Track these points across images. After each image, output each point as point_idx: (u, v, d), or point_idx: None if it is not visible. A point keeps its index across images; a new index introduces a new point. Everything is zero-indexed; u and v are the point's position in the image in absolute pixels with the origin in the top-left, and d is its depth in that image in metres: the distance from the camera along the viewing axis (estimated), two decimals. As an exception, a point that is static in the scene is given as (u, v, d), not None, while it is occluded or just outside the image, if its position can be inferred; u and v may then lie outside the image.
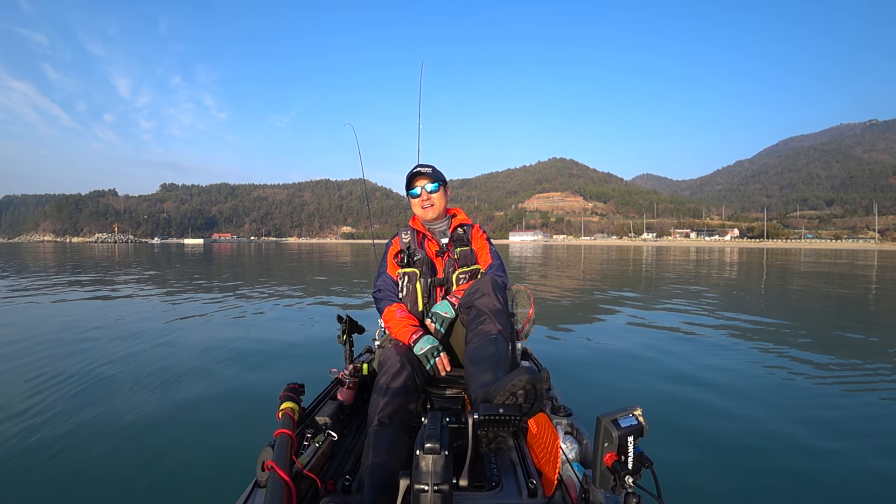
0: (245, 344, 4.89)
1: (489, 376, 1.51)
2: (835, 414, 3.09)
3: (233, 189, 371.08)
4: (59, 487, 2.13)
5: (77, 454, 2.43)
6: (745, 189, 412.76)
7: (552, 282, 12.83)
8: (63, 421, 2.84)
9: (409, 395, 1.55)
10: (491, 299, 1.73)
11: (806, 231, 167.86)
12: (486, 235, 2.22)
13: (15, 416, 2.90)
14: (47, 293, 9.24)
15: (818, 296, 9.91)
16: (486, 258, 2.13)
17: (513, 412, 1.31)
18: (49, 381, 3.58)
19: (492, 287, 1.76)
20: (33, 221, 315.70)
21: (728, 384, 3.70)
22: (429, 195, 2.12)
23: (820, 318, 7.25)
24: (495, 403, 1.34)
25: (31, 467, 2.30)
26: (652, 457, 1.05)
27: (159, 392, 3.39)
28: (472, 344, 1.67)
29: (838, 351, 4.78)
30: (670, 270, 17.51)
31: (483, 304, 1.72)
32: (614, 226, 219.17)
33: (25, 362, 4.12)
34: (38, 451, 2.46)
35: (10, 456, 2.40)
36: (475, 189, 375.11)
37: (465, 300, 1.80)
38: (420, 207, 2.14)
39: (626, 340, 5.26)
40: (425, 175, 2.11)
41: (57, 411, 2.99)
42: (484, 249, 2.15)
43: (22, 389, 3.39)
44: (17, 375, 3.75)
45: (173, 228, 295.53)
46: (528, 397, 1.37)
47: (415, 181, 2.14)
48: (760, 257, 31.24)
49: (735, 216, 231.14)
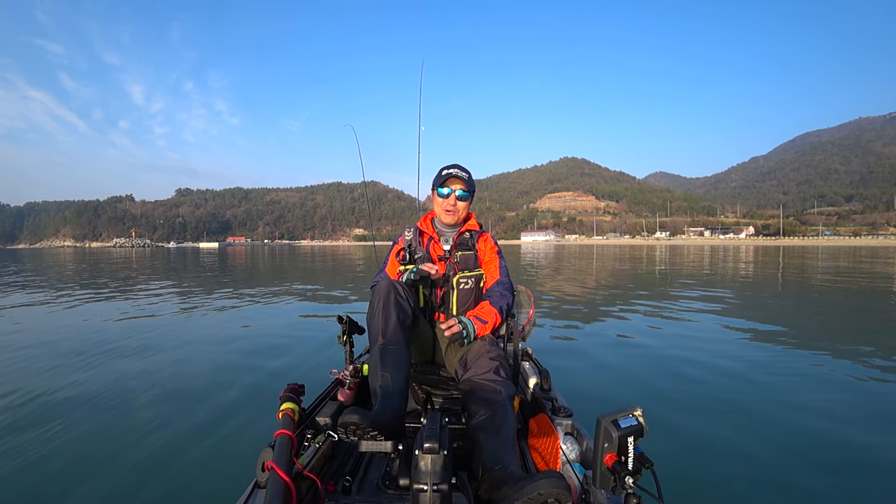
0: (245, 344, 4.91)
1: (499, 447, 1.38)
2: (836, 414, 3.04)
3: (246, 193, 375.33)
4: (59, 487, 2.13)
5: (77, 454, 2.43)
6: (760, 186, 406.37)
7: (556, 283, 12.75)
8: (63, 420, 2.85)
9: (403, 311, 1.68)
10: (490, 374, 1.59)
11: (824, 228, 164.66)
12: (497, 248, 2.14)
13: (14, 417, 2.93)
14: (67, 300, 9.43)
15: (837, 294, 9.70)
16: (495, 273, 2.06)
17: None
18: (51, 381, 3.63)
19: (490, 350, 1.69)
20: (54, 227, 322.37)
21: (728, 384, 3.67)
22: (457, 200, 2.06)
23: (834, 321, 7.10)
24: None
25: (31, 467, 2.31)
26: (652, 457, 1.05)
27: (159, 393, 3.40)
28: (477, 417, 1.48)
29: (848, 353, 4.67)
30: (681, 270, 17.29)
31: (485, 380, 1.58)
32: (627, 225, 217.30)
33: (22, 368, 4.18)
34: (37, 450, 2.47)
35: (10, 456, 2.41)
36: (487, 189, 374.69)
37: (465, 377, 1.64)
38: (443, 209, 2.08)
39: (628, 342, 5.22)
40: (460, 179, 2.05)
41: (57, 410, 3.01)
42: (493, 263, 2.08)
43: (23, 390, 3.45)
44: (20, 377, 3.81)
45: (189, 232, 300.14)
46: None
47: (448, 182, 2.07)
48: (776, 256, 30.68)
49: (750, 213, 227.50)
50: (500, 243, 2.20)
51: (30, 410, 3.07)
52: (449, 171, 2.06)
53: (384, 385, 1.43)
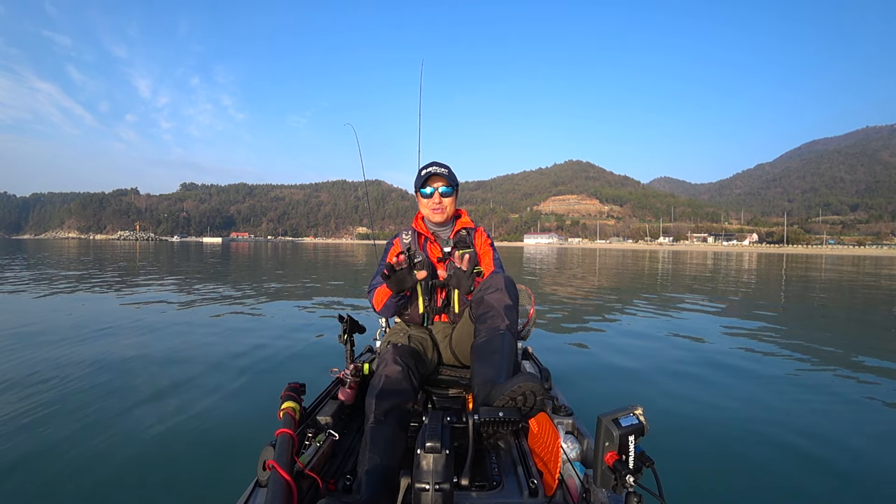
0: (246, 344, 4.90)
1: (493, 373, 1.52)
2: (836, 415, 3.05)
3: (251, 189, 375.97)
4: (59, 488, 2.12)
5: (76, 454, 2.43)
6: (765, 193, 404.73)
7: (557, 283, 12.72)
8: (63, 420, 2.83)
9: (405, 393, 1.54)
10: (502, 295, 1.71)
11: (828, 237, 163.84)
12: (490, 241, 2.17)
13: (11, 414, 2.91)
14: (68, 289, 9.47)
15: (841, 296, 9.66)
16: (490, 265, 2.10)
17: (512, 415, 1.34)
18: (53, 378, 3.62)
19: (504, 283, 1.74)
20: (59, 219, 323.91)
21: (729, 385, 3.67)
22: (441, 198, 2.05)
23: (838, 325, 7.06)
24: (495, 407, 1.36)
25: (30, 467, 2.30)
26: (653, 456, 1.05)
27: (159, 391, 3.40)
28: (479, 337, 1.66)
29: (844, 358, 4.65)
30: (682, 273, 17.24)
31: (494, 300, 1.70)
32: (630, 229, 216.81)
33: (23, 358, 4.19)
34: (36, 450, 2.45)
35: (9, 456, 2.39)
36: (490, 191, 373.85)
37: (477, 294, 1.77)
38: (429, 209, 2.08)
39: (628, 342, 5.22)
40: (441, 177, 2.05)
41: (57, 410, 2.98)
42: (487, 256, 2.12)
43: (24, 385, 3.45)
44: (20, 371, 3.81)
45: (192, 227, 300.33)
46: (528, 402, 1.39)
47: (430, 181, 2.07)
48: (780, 263, 30.56)
49: (755, 220, 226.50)
50: (502, 244, 2.19)
51: (29, 408, 3.06)
52: (428, 171, 2.06)
53: (371, 470, 1.30)
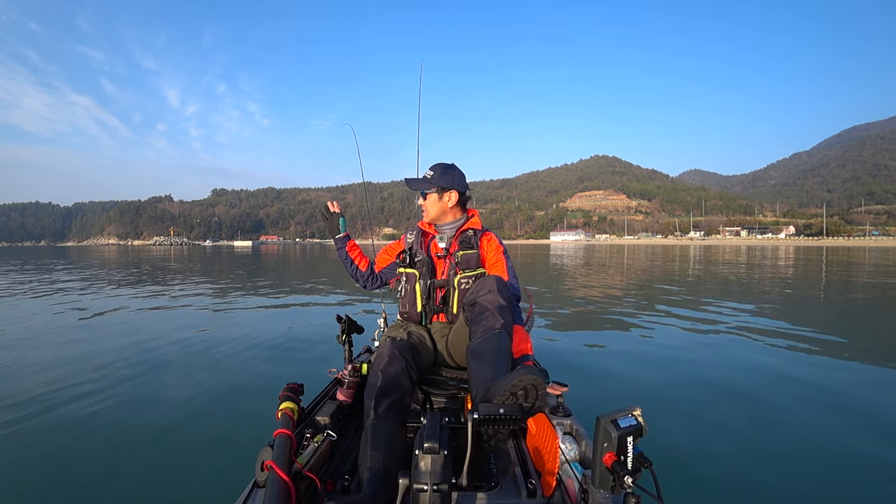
0: (246, 344, 4.97)
1: (491, 372, 1.52)
2: (838, 415, 2.99)
3: (278, 193, 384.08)
4: (58, 487, 2.16)
5: (76, 453, 2.48)
6: (802, 183, 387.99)
7: (557, 283, 12.58)
8: (62, 419, 2.91)
9: (403, 388, 1.57)
10: (495, 296, 1.71)
11: (871, 227, 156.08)
12: (503, 248, 2.10)
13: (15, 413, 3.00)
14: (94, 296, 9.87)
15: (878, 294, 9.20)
16: (503, 275, 2.02)
17: (513, 412, 1.32)
18: (55, 378, 3.74)
19: (496, 285, 1.74)
20: (99, 226, 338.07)
21: (729, 385, 3.62)
22: (422, 199, 2.12)
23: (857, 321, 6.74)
24: (495, 403, 1.35)
25: (29, 466, 2.35)
26: (651, 457, 1.05)
27: (158, 391, 3.46)
28: (475, 338, 1.66)
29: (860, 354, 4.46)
30: (704, 270, 16.75)
31: (487, 301, 1.70)
32: (659, 224, 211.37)
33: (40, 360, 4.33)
34: (35, 450, 2.50)
35: (8, 455, 2.46)
36: (515, 189, 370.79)
37: (469, 297, 1.78)
38: (423, 209, 2.17)
39: (628, 342, 5.16)
40: (424, 178, 2.12)
41: (56, 410, 3.06)
42: (500, 264, 2.05)
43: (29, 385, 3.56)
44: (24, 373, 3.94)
45: (224, 231, 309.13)
46: (529, 397, 1.38)
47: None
48: (819, 256, 29.35)
49: (791, 212, 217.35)
50: (528, 243, 2.15)
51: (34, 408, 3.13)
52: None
53: (373, 467, 1.33)
